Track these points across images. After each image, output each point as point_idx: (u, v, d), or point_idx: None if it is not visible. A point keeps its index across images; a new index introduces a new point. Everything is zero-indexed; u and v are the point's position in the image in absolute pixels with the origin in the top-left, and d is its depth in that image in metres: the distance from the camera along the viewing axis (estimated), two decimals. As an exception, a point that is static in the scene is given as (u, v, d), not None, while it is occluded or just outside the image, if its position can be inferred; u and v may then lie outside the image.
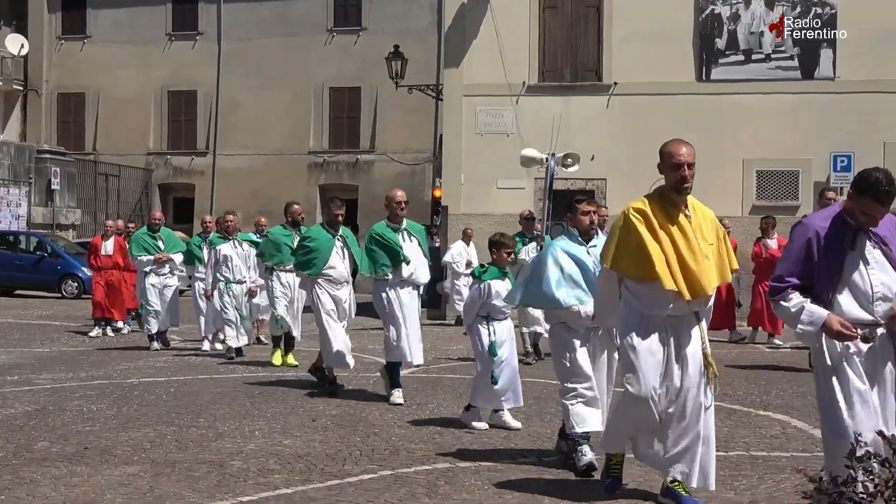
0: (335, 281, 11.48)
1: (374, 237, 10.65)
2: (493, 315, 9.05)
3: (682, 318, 6.32)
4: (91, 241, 19.63)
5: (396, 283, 10.60)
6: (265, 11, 38.09)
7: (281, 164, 37.66)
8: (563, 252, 7.61)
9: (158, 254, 16.45)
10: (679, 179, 6.24)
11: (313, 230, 11.83)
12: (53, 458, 7.79)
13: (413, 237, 10.77)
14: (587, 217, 7.67)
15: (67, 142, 38.97)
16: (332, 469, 7.48)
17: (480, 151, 23.11)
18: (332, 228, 11.63)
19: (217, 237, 15.30)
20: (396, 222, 10.76)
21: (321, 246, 11.48)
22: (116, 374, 12.86)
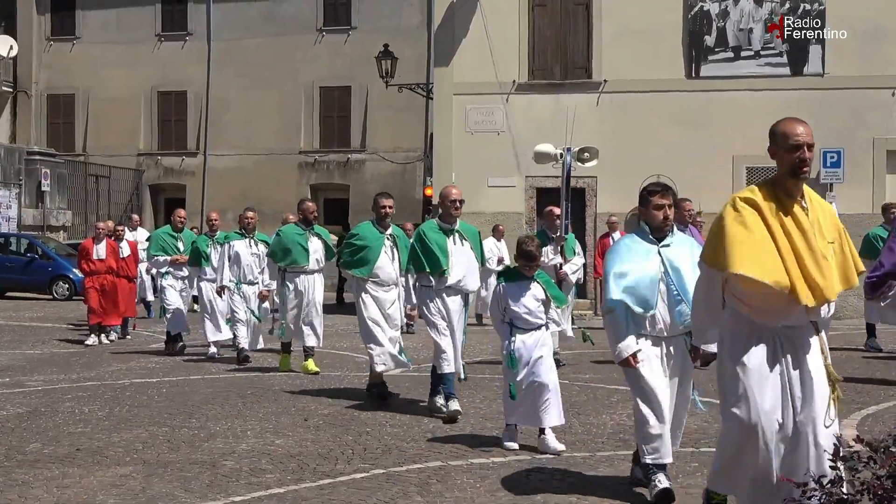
0: (383, 283, 10.66)
1: (420, 236, 9.79)
2: (516, 323, 8.26)
3: (800, 329, 5.30)
4: (81, 245, 18.47)
5: (442, 291, 9.74)
6: (254, 11, 38.04)
7: (271, 164, 37.60)
8: (622, 250, 6.71)
9: (176, 255, 15.69)
10: (797, 163, 5.27)
11: (362, 227, 10.92)
12: (45, 460, 7.79)
13: (465, 240, 9.85)
14: (660, 212, 6.69)
15: (57, 143, 38.87)
16: (324, 468, 7.49)
17: (471, 150, 23.13)
18: (380, 225, 10.78)
19: (234, 233, 14.50)
20: (449, 223, 9.85)
21: (370, 245, 10.64)
22: (108, 375, 12.85)
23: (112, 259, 17.24)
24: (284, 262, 12.72)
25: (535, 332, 8.28)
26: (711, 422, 9.24)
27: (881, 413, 9.75)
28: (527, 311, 8.24)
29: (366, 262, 10.63)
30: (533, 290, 8.29)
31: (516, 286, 8.32)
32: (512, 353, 8.18)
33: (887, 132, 21.76)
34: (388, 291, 10.70)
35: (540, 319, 8.29)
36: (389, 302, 10.71)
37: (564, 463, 7.66)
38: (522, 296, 8.25)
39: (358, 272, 10.65)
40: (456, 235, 9.79)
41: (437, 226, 9.86)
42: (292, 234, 12.79)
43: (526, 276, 8.31)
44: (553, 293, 8.44)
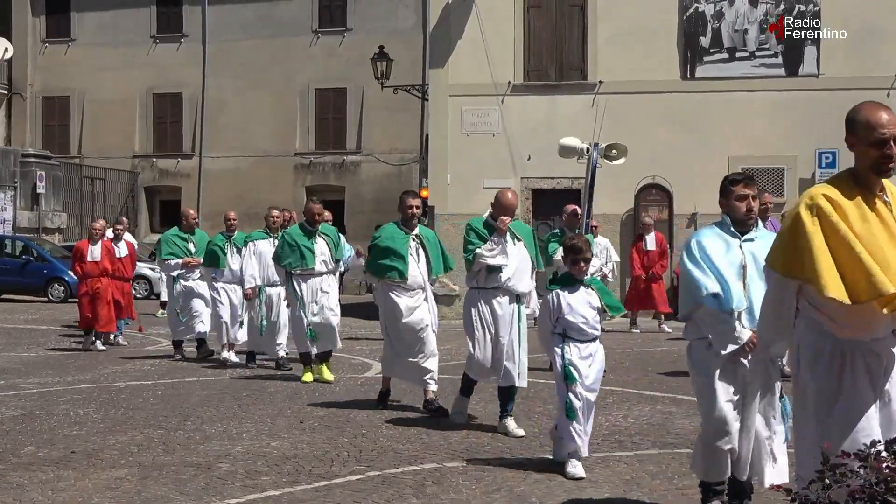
0: (408, 287, 9.97)
1: (472, 229, 9.12)
2: (570, 334, 7.47)
3: (883, 341, 4.67)
4: (75, 246, 17.52)
5: (489, 291, 9.09)
6: (250, 13, 38.05)
7: (267, 166, 37.61)
8: (700, 244, 5.98)
9: (187, 257, 14.98)
10: (882, 158, 4.61)
11: (386, 229, 10.23)
12: (40, 463, 7.77)
13: (518, 240, 9.17)
14: (744, 203, 6.06)
15: (52, 145, 38.86)
16: (319, 470, 7.48)
17: (467, 151, 23.12)
18: (405, 226, 10.16)
19: (258, 232, 13.93)
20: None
21: (395, 246, 10.01)
22: (103, 377, 12.83)
23: (107, 261, 16.48)
24: (290, 265, 12.17)
25: (591, 343, 7.54)
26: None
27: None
28: (584, 320, 7.47)
29: (393, 267, 9.98)
30: (588, 297, 7.58)
31: (570, 293, 7.53)
32: (568, 366, 7.38)
33: (882, 133, 21.77)
34: (415, 296, 10.03)
35: (595, 330, 7.56)
36: (416, 307, 10.02)
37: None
38: (578, 304, 7.50)
39: (383, 277, 10.01)
40: (508, 235, 9.11)
41: (488, 225, 9.13)
42: (297, 236, 12.26)
43: (579, 279, 7.57)
44: (608, 301, 7.69)
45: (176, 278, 15.12)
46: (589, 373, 7.46)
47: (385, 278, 10.01)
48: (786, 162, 22.21)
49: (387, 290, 10.04)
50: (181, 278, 15.07)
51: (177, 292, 15.10)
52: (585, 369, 7.43)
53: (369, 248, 10.36)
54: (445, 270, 10.57)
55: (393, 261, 9.97)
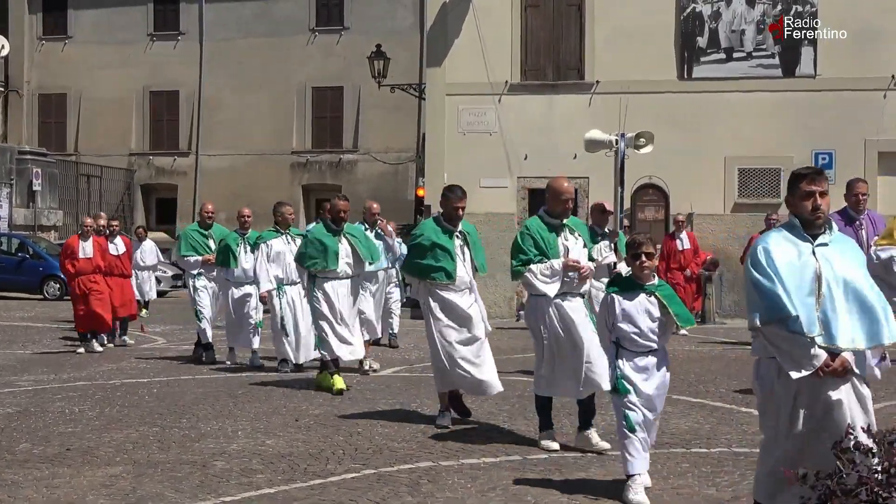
0: (456, 288, 9.25)
1: (525, 233, 8.36)
2: (622, 343, 6.74)
3: None
4: (65, 243, 16.79)
5: (558, 296, 8.25)
6: (247, 11, 38.03)
7: (264, 164, 37.60)
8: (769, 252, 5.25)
9: (207, 254, 14.34)
10: None
11: (426, 226, 9.49)
12: (35, 460, 7.77)
13: (578, 236, 8.47)
14: (809, 201, 5.38)
15: (49, 143, 38.84)
16: (315, 468, 7.47)
17: (463, 150, 23.11)
18: (449, 224, 9.38)
19: (269, 231, 13.17)
20: (557, 217, 8.42)
21: (441, 245, 9.25)
22: (99, 375, 12.82)
23: (100, 258, 15.88)
24: (312, 267, 11.35)
25: (646, 357, 6.74)
26: (703, 423, 9.27)
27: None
28: (637, 331, 6.69)
29: (437, 268, 9.22)
30: (648, 305, 6.75)
31: (627, 298, 6.75)
32: (620, 379, 6.69)
33: (878, 133, 21.79)
34: (462, 298, 9.30)
35: (652, 343, 6.73)
36: (463, 310, 9.26)
37: (555, 463, 7.65)
38: (634, 311, 6.72)
39: (428, 278, 9.24)
40: (566, 231, 8.38)
41: (542, 221, 8.37)
42: (321, 235, 11.46)
43: (639, 284, 6.75)
44: (676, 310, 6.80)
45: (196, 276, 14.60)
46: (645, 387, 6.69)
47: (429, 279, 9.26)
48: (782, 163, 22.19)
49: (433, 292, 9.25)
50: (201, 276, 14.57)
51: (196, 291, 14.59)
52: (641, 383, 6.68)
53: (410, 247, 9.67)
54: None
55: (439, 260, 9.22)
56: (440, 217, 9.46)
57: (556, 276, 8.15)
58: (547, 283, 8.17)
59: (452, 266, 9.19)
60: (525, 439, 8.54)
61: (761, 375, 5.41)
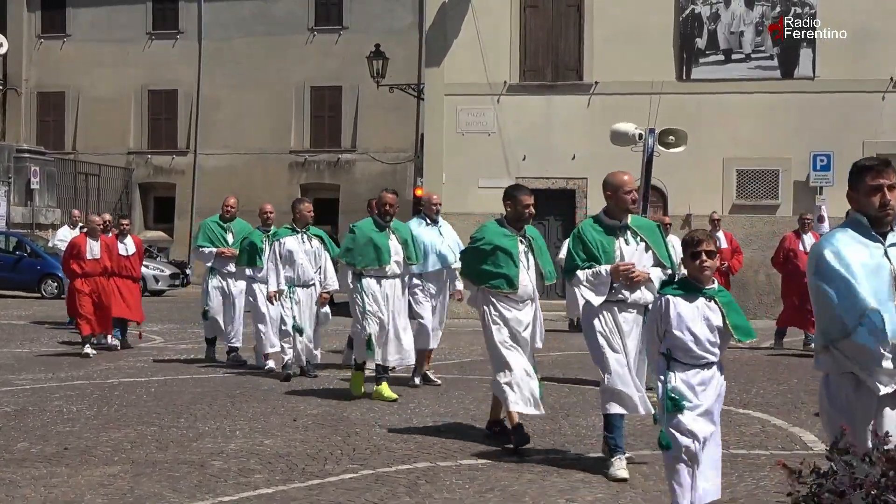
0: (517, 299, 8.41)
1: (579, 236, 7.54)
2: (675, 354, 5.82)
3: None
4: (71, 241, 16.01)
5: (614, 305, 7.45)
6: (246, 10, 38.02)
7: (262, 164, 37.59)
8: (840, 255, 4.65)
9: (222, 247, 13.84)
10: None
11: (488, 228, 8.62)
12: (33, 459, 7.77)
13: (641, 240, 7.54)
14: (876, 196, 4.75)
15: (47, 141, 38.81)
16: (312, 469, 7.48)
17: (462, 151, 23.12)
18: (513, 226, 8.55)
19: (284, 228, 12.41)
20: (616, 217, 7.53)
21: (504, 249, 8.39)
22: (97, 374, 12.81)
23: (107, 258, 15.26)
24: (360, 264, 10.65)
25: (702, 370, 5.85)
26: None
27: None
28: (693, 339, 5.80)
29: (499, 274, 8.38)
30: (708, 311, 5.86)
31: (684, 302, 5.86)
32: (670, 394, 5.79)
33: (877, 135, 21.81)
34: (523, 309, 8.45)
35: (709, 354, 5.84)
36: (525, 323, 8.43)
37: (554, 464, 7.65)
38: (692, 317, 5.83)
39: (486, 285, 8.42)
40: (628, 234, 7.52)
41: (599, 222, 7.56)
42: (369, 231, 10.74)
43: (698, 288, 5.88)
44: (734, 321, 5.87)
45: (211, 271, 14.08)
46: (698, 406, 5.78)
47: (487, 287, 8.44)
48: (780, 164, 22.22)
49: (491, 302, 8.44)
50: (215, 271, 14.03)
51: (210, 287, 14.02)
52: (694, 401, 5.78)
53: (468, 249, 8.87)
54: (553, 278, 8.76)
55: (500, 267, 8.38)
56: (503, 219, 8.58)
57: (602, 283, 7.31)
58: (589, 289, 7.35)
59: (515, 273, 8.34)
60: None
61: (832, 394, 4.79)
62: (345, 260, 10.82)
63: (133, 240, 16.26)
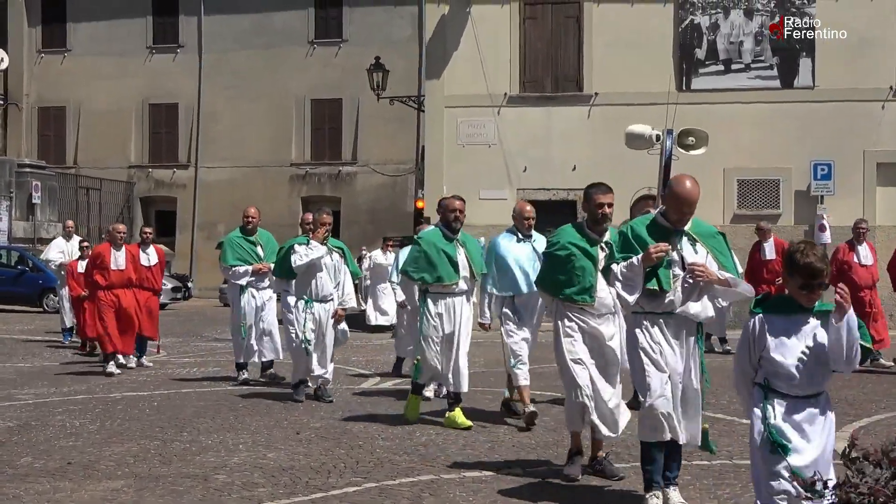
0: (595, 312, 7.60)
1: (627, 239, 6.71)
2: (775, 384, 5.06)
3: None
4: (94, 251, 15.03)
5: (659, 317, 6.57)
6: (246, 23, 38.11)
7: (263, 176, 37.64)
8: None
9: (257, 263, 13.05)
10: None
11: (565, 233, 7.74)
12: (36, 474, 7.76)
13: (699, 245, 6.69)
14: None
15: (48, 155, 38.90)
16: (316, 482, 7.47)
17: (462, 162, 23.15)
18: (593, 230, 7.67)
19: (301, 239, 11.65)
20: (675, 223, 6.69)
21: (583, 257, 7.56)
22: (99, 388, 12.81)
23: (132, 269, 14.44)
24: (429, 280, 9.72)
25: (807, 403, 5.09)
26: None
27: (872, 426, 9.76)
28: (800, 365, 5.01)
29: (576, 284, 7.56)
30: (815, 332, 5.08)
31: (785, 323, 5.09)
32: (774, 434, 5.00)
33: (877, 144, 21.85)
34: (603, 323, 7.65)
35: (819, 386, 5.11)
36: (606, 337, 7.63)
37: (558, 476, 7.64)
38: (795, 341, 5.04)
39: (561, 295, 7.63)
40: (684, 240, 6.66)
41: (654, 224, 6.73)
42: (437, 242, 9.75)
43: (804, 307, 5.09)
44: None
45: (244, 288, 13.14)
46: (806, 447, 5.01)
47: (562, 299, 7.65)
48: (781, 174, 22.24)
49: (567, 315, 7.64)
50: (250, 287, 13.15)
51: (244, 305, 13.15)
52: (799, 441, 5.01)
53: (544, 255, 8.12)
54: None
55: (577, 276, 7.56)
56: (583, 223, 7.73)
57: (636, 274, 6.47)
58: (624, 284, 6.52)
59: (592, 283, 7.51)
60: (526, 450, 8.54)
61: None
62: (413, 275, 9.80)
63: (155, 249, 15.51)
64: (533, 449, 8.60)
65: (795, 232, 20.81)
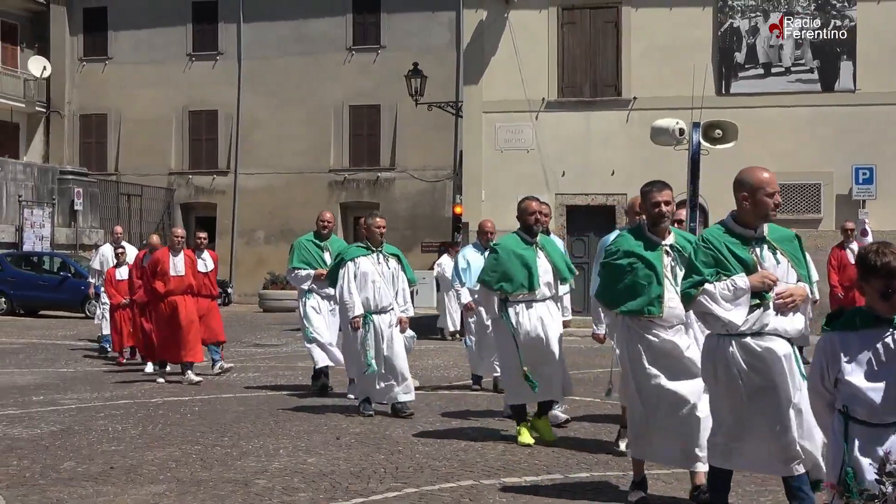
0: (663, 324, 6.92)
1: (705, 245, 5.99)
2: (854, 411, 4.44)
3: None
4: (153, 257, 14.30)
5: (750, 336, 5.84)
6: (285, 31, 38.31)
7: (301, 183, 37.80)
8: None
9: (321, 268, 12.42)
10: None
11: (625, 240, 7.17)
12: (79, 478, 7.83)
13: (782, 254, 5.98)
14: None
15: (90, 162, 39.27)
16: (356, 487, 7.48)
17: (500, 167, 23.16)
18: (654, 233, 7.08)
19: (356, 247, 11.02)
20: (750, 225, 5.98)
21: (642, 263, 6.97)
22: (141, 393, 12.90)
23: (191, 275, 14.01)
24: (509, 289, 9.05)
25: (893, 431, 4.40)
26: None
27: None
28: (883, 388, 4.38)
29: (638, 294, 6.91)
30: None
31: (863, 340, 4.48)
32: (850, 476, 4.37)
33: (920, 148, 21.64)
34: (675, 335, 6.96)
35: None
36: (680, 349, 6.91)
37: (597, 483, 7.62)
38: (876, 360, 4.43)
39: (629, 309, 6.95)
40: (764, 248, 5.97)
41: (729, 231, 6.00)
42: (514, 248, 9.11)
43: (885, 318, 4.45)
44: None
45: (307, 292, 12.68)
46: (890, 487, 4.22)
47: (624, 312, 7.01)
48: (822, 178, 22.07)
49: (634, 330, 6.99)
50: (313, 292, 12.67)
51: (308, 310, 12.65)
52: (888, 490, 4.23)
53: (602, 265, 7.37)
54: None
55: (640, 286, 6.91)
56: (642, 226, 7.15)
57: (741, 295, 5.78)
58: (729, 307, 5.78)
59: (659, 291, 6.85)
60: (566, 457, 8.51)
61: None
62: (492, 284, 9.11)
63: (210, 255, 15.04)
64: (573, 455, 8.58)
65: (836, 237, 20.61)
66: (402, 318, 10.80)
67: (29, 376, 14.74)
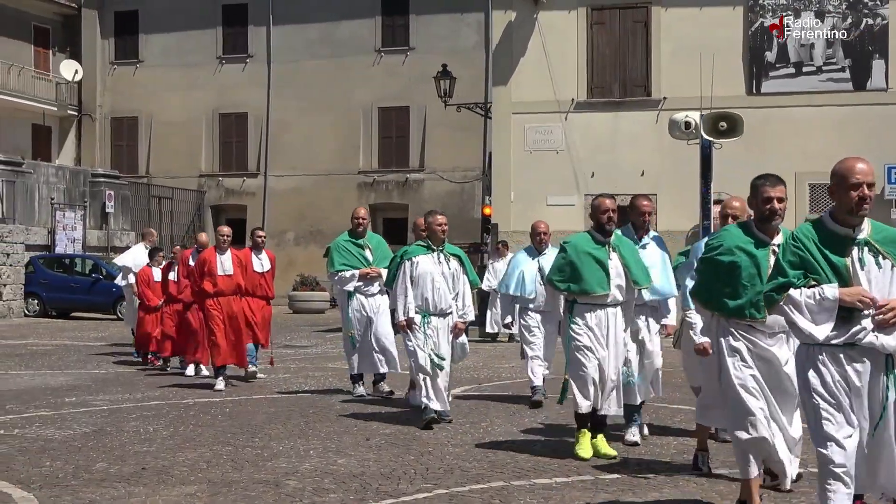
0: (764, 329, 6.41)
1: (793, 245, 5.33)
2: None
3: None
4: (200, 257, 13.56)
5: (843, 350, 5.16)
6: (313, 33, 38.44)
7: (331, 184, 37.91)
8: None
9: (365, 267, 12.18)
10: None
11: (729, 233, 6.59)
12: (112, 479, 7.87)
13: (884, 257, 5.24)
14: None
15: (121, 165, 39.54)
16: (386, 488, 7.49)
17: (530, 168, 23.13)
18: (762, 230, 6.49)
19: (417, 246, 10.47)
20: (847, 223, 5.30)
21: (745, 262, 6.37)
22: (172, 394, 12.96)
23: (240, 275, 13.42)
24: (575, 289, 8.48)
25: None
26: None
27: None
28: None
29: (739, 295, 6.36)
30: None
31: None
32: None
33: (953, 147, 21.46)
34: (776, 343, 6.46)
35: None
36: (780, 360, 6.44)
37: (627, 484, 7.59)
38: None
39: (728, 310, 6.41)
40: (864, 250, 5.24)
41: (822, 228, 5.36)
42: (585, 246, 8.55)
43: None
44: None
45: (352, 294, 12.26)
46: None
47: (727, 314, 6.44)
48: (854, 177, 21.91)
49: (732, 333, 6.44)
50: (358, 293, 12.26)
51: (351, 313, 12.28)
52: None
53: (701, 261, 6.82)
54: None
55: (742, 286, 6.35)
56: (750, 222, 6.59)
57: (828, 310, 5.09)
58: (813, 320, 5.13)
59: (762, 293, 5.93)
60: (598, 459, 8.48)
61: None
62: (558, 285, 8.56)
63: (267, 255, 14.57)
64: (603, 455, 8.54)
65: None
66: (458, 322, 10.31)
67: (61, 378, 14.84)
